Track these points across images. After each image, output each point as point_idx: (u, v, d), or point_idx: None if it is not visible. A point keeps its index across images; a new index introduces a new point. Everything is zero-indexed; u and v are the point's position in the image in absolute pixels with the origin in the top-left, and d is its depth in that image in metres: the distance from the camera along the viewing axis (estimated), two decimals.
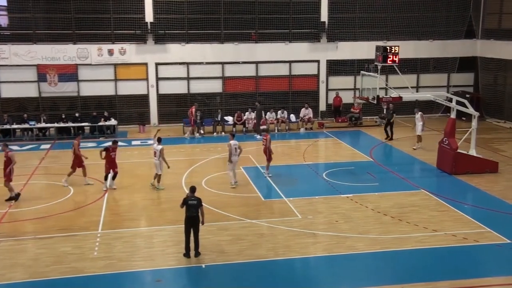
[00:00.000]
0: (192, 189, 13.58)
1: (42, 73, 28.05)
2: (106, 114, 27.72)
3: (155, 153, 18.53)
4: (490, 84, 31.56)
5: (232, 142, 18.71)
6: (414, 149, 23.67)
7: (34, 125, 26.76)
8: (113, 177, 18.74)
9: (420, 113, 23.80)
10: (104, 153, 18.59)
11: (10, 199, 17.38)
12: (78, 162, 19.26)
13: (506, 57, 29.67)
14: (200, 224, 13.37)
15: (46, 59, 27.98)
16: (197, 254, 13.31)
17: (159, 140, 18.65)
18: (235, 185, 18.78)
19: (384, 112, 27.41)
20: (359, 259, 13.25)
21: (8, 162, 17.37)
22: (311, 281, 12.35)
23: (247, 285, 12.21)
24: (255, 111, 27.57)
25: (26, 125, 26.74)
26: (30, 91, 28.27)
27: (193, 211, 13.24)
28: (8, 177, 17.33)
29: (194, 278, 12.57)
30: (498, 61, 30.34)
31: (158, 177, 18.63)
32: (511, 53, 29.17)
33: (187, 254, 13.28)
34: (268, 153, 19.81)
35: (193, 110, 27.22)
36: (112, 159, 18.71)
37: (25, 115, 27.10)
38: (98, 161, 19.75)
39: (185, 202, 13.34)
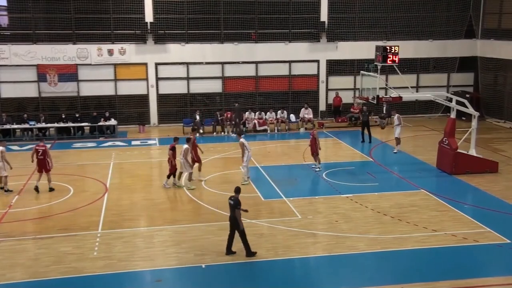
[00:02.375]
0: (236, 190, 13.57)
1: (42, 73, 28.05)
2: (107, 114, 27.66)
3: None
4: (490, 84, 31.57)
5: (242, 140, 19.20)
6: (395, 152, 23.51)
7: (34, 125, 26.76)
8: (168, 176, 18.92)
9: (397, 115, 23.62)
10: (171, 152, 18.65)
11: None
12: (196, 157, 19.62)
13: (506, 57, 29.67)
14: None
15: (46, 59, 27.99)
16: (249, 254, 13.22)
17: (188, 140, 18.99)
18: (247, 181, 18.98)
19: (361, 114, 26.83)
20: (359, 259, 13.24)
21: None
22: (311, 281, 12.35)
23: (246, 285, 12.21)
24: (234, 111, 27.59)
25: (26, 125, 26.74)
26: (30, 91, 28.28)
27: (230, 211, 13.33)
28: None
29: (194, 278, 12.55)
30: (498, 61, 30.35)
31: (178, 174, 19.02)
32: (511, 53, 29.17)
33: (227, 252, 13.36)
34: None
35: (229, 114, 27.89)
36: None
37: (25, 115, 27.11)
38: (98, 161, 19.70)
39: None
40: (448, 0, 31.57)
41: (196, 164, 19.57)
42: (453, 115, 20.65)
